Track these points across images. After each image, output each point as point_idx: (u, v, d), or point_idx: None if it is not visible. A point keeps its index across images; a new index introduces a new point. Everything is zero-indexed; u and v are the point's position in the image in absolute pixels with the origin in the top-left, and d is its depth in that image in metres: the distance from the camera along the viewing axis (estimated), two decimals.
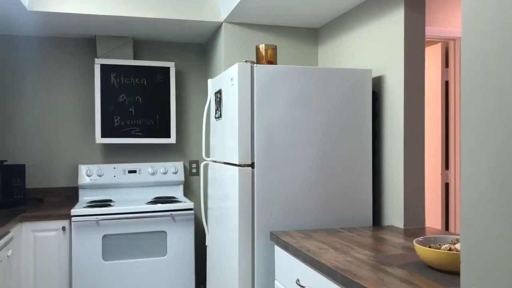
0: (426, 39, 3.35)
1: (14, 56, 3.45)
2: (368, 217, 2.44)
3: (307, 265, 1.80)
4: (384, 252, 1.79)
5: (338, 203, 2.39)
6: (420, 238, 1.67)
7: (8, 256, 2.50)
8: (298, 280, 1.88)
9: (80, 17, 2.99)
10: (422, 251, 1.53)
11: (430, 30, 3.31)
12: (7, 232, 2.53)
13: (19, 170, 3.10)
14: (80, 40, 3.57)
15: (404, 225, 2.30)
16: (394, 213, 2.37)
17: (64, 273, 2.91)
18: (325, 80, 2.37)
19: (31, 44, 3.49)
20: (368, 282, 1.40)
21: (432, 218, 3.52)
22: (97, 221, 2.95)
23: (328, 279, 1.63)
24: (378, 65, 2.53)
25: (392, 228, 2.29)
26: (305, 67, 2.35)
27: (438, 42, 3.52)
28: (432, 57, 3.56)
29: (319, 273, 1.70)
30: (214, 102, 2.79)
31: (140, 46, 3.69)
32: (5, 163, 3.37)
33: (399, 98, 2.33)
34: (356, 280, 1.43)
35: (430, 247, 1.61)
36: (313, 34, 3.30)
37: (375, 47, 2.56)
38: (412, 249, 1.83)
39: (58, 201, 3.44)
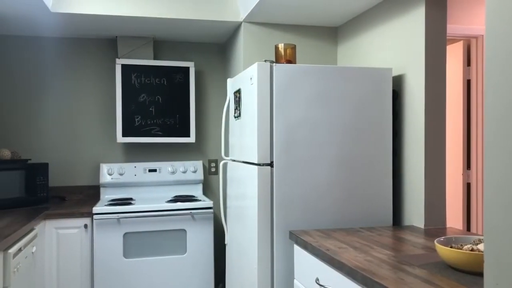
0: (447, 37, 3.30)
1: (38, 57, 3.53)
2: (388, 217, 2.42)
3: (327, 264, 1.80)
4: (404, 252, 1.78)
5: (357, 203, 2.38)
6: (442, 238, 1.65)
7: (32, 252, 2.56)
8: (317, 279, 1.88)
9: (102, 18, 3.04)
10: (444, 251, 1.52)
11: (452, 28, 3.26)
12: (32, 229, 2.59)
13: (43, 169, 3.16)
14: (102, 41, 3.63)
15: (425, 225, 2.28)
16: (415, 213, 2.35)
17: (86, 269, 2.97)
18: (345, 79, 2.37)
19: (54, 45, 3.56)
20: (389, 282, 1.40)
21: (453, 219, 3.47)
22: (118, 219, 3.00)
23: (348, 278, 1.63)
24: (398, 63, 2.51)
25: (412, 228, 2.27)
26: (325, 66, 2.35)
27: (460, 40, 3.47)
28: (454, 56, 3.51)
29: (338, 272, 1.70)
30: (233, 101, 2.80)
31: (160, 46, 3.73)
32: (29, 161, 3.45)
33: (420, 97, 2.31)
34: (376, 280, 1.42)
35: (451, 247, 1.59)
36: (332, 33, 3.29)
37: (395, 46, 2.54)
38: (433, 249, 1.82)
39: (80, 199, 3.50)
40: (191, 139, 3.60)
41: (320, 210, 2.34)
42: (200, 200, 3.24)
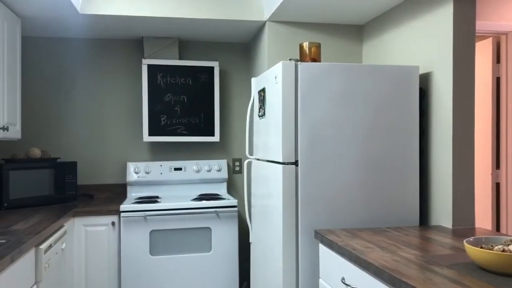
0: (476, 34, 3.24)
1: (66, 58, 3.61)
2: (414, 217, 2.39)
3: (353, 264, 1.79)
4: (432, 252, 1.76)
5: (383, 202, 2.36)
6: (471, 239, 1.62)
7: (62, 249, 2.63)
8: (343, 278, 1.87)
9: (129, 19, 3.09)
10: (474, 251, 1.49)
11: (481, 25, 3.20)
12: (61, 226, 2.65)
13: (71, 167, 3.23)
14: (128, 42, 3.69)
15: (453, 225, 2.24)
16: (442, 213, 2.32)
17: (113, 266, 3.02)
18: (371, 77, 2.35)
19: (82, 46, 3.63)
20: (417, 282, 1.38)
21: (482, 219, 3.40)
22: (144, 217, 3.04)
23: (374, 278, 1.62)
24: (425, 61, 2.47)
25: (439, 228, 2.24)
26: (350, 64, 2.33)
27: (489, 37, 3.40)
28: (483, 53, 3.44)
29: (365, 271, 1.69)
30: (258, 100, 2.81)
31: (185, 47, 3.76)
32: (58, 160, 3.53)
33: (448, 95, 2.27)
34: (404, 280, 1.41)
35: (481, 248, 1.56)
36: (357, 31, 3.26)
37: (422, 43, 2.50)
38: (462, 250, 1.79)
39: (108, 197, 3.57)
40: (216, 138, 3.62)
41: (346, 210, 2.33)
42: (224, 199, 3.26)
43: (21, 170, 2.95)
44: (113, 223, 3.02)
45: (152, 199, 3.25)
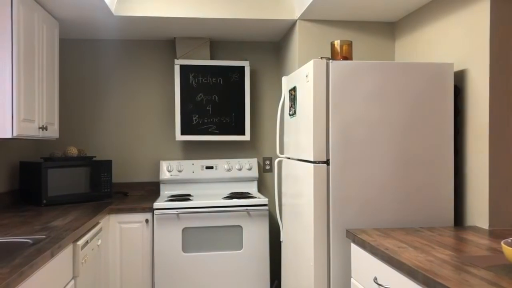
0: None
1: (101, 59, 3.70)
2: (449, 217, 2.34)
3: (385, 264, 1.77)
4: (467, 253, 1.72)
5: (417, 202, 2.32)
6: (509, 240, 1.58)
7: (98, 245, 2.70)
8: (375, 278, 1.86)
9: (162, 20, 3.15)
10: None
11: None
12: (97, 223, 2.73)
13: (107, 166, 3.32)
14: (161, 42, 3.75)
15: (489, 226, 2.19)
16: (478, 213, 2.26)
17: (147, 262, 3.09)
18: (404, 75, 2.31)
19: (116, 47, 3.72)
20: (452, 283, 1.36)
21: None
22: (177, 214, 3.09)
23: (408, 278, 1.60)
24: (460, 58, 2.42)
25: (475, 229, 2.19)
26: (383, 62, 2.31)
27: None
28: None
29: (398, 272, 1.67)
30: (289, 99, 2.81)
31: (216, 46, 3.80)
32: (94, 159, 3.63)
33: (484, 93, 2.22)
34: (439, 280, 1.39)
35: None
36: (390, 28, 3.22)
37: (457, 40, 2.45)
38: (499, 251, 1.74)
39: (141, 195, 3.64)
40: (246, 137, 3.65)
41: (378, 209, 2.30)
42: (255, 197, 3.28)
43: (59, 169, 3.05)
44: (146, 220, 3.08)
45: (184, 197, 3.30)
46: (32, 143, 3.56)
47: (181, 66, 3.55)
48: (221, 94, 3.62)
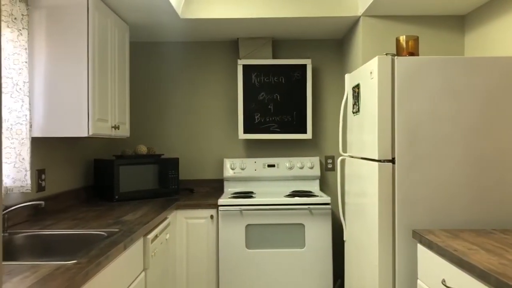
0: None
1: (168, 61, 3.85)
2: None
3: (454, 266, 1.72)
4: None
5: (489, 203, 2.22)
6: None
7: (166, 239, 2.82)
8: (444, 280, 1.80)
9: (226, 22, 3.22)
10: None
11: None
12: (165, 218, 2.84)
13: (174, 163, 3.45)
14: (224, 43, 3.84)
15: None
16: None
17: (212, 257, 3.18)
18: (474, 70, 2.22)
19: (182, 49, 3.85)
20: None
21: None
22: (241, 211, 3.16)
23: (479, 281, 1.54)
24: None
25: None
26: (452, 57, 2.23)
27: None
28: None
29: (468, 274, 1.61)
30: (352, 96, 2.78)
31: (278, 46, 3.83)
32: (162, 156, 3.78)
33: None
34: None
35: None
36: (458, 22, 3.09)
37: None
38: None
39: (207, 191, 3.75)
40: (308, 135, 3.64)
41: (446, 210, 2.23)
42: (317, 196, 3.27)
43: (129, 166, 3.21)
44: (211, 216, 3.17)
45: (247, 195, 3.36)
46: (105, 141, 3.77)
47: (244, 66, 3.61)
48: (282, 93, 3.64)
